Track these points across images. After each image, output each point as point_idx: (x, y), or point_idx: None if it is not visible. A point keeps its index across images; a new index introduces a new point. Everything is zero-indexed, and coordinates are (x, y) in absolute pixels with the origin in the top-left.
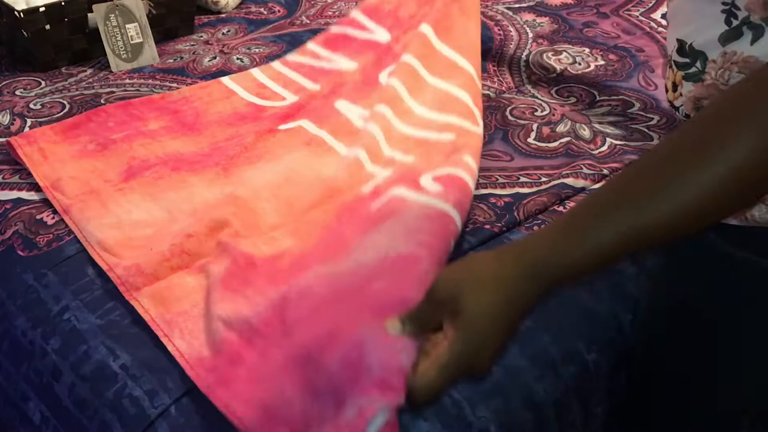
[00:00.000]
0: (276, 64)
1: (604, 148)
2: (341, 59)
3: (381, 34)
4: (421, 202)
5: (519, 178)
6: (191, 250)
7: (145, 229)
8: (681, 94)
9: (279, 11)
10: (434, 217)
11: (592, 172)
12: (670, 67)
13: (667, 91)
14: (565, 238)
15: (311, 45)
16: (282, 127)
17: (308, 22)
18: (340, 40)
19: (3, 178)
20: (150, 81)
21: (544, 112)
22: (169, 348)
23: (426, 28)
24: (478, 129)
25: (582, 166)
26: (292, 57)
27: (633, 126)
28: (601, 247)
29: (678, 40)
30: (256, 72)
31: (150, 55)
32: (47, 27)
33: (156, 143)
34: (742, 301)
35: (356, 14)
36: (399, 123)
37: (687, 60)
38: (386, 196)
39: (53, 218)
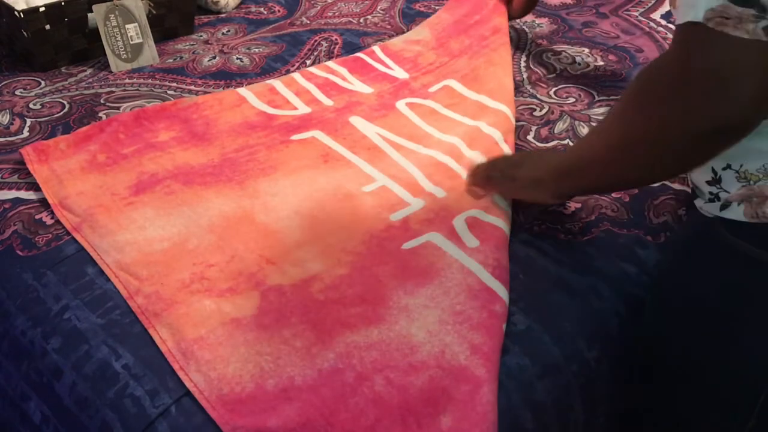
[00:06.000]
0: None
1: None
2: (357, 82)
3: (399, 72)
4: (460, 262)
5: None
6: (212, 276)
7: (162, 243)
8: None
9: (279, 11)
10: (478, 295)
11: None
12: None
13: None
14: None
15: (329, 63)
16: (294, 137)
17: (308, 22)
18: (359, 65)
19: (2, 177)
20: (150, 81)
21: (543, 112)
22: (186, 383)
23: (454, 83)
24: None
25: None
26: (308, 68)
27: None
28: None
29: None
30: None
31: (150, 55)
32: (47, 27)
33: (166, 156)
34: (750, 299)
35: (377, 50)
36: (426, 149)
37: None
38: (420, 239)
39: (52, 218)
